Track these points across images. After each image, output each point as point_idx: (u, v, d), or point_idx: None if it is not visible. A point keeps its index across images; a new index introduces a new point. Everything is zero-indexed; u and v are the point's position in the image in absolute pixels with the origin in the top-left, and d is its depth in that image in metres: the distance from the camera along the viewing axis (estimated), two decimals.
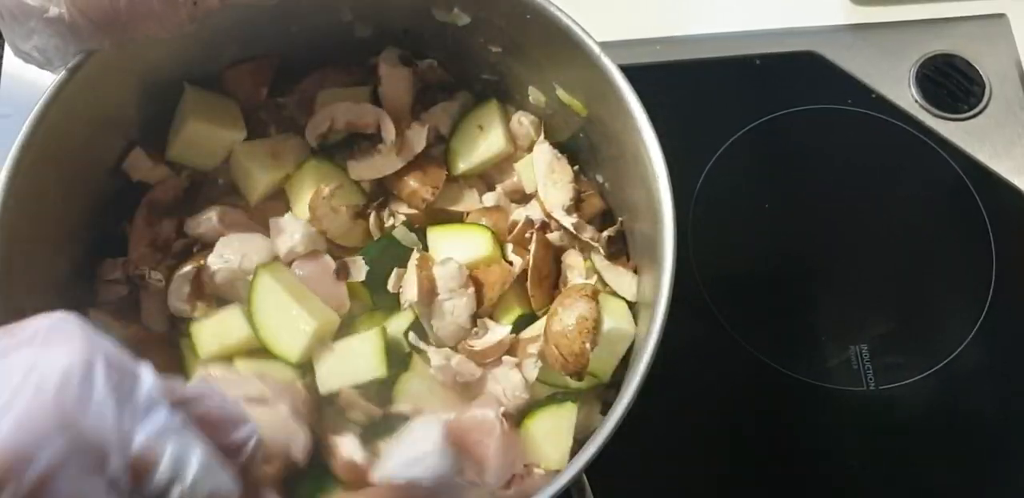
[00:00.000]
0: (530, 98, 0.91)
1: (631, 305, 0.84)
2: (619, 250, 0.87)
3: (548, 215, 0.86)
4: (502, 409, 0.76)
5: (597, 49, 0.76)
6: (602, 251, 0.86)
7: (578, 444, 0.77)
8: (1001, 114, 1.05)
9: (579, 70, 0.79)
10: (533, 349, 0.80)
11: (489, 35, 0.87)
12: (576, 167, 0.89)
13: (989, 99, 1.05)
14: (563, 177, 0.87)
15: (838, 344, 0.98)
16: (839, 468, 0.95)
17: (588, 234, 0.86)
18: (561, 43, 0.78)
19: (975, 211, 1.02)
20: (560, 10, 0.77)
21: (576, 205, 0.87)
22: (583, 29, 0.77)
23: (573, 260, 0.86)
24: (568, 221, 0.85)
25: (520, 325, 0.83)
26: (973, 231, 1.02)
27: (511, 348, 0.82)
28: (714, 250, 1.00)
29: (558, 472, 0.69)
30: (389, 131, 0.87)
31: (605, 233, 0.87)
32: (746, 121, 1.05)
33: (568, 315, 0.78)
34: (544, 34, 0.80)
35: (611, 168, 0.88)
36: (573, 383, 0.80)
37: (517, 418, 0.80)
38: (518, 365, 0.81)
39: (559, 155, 0.88)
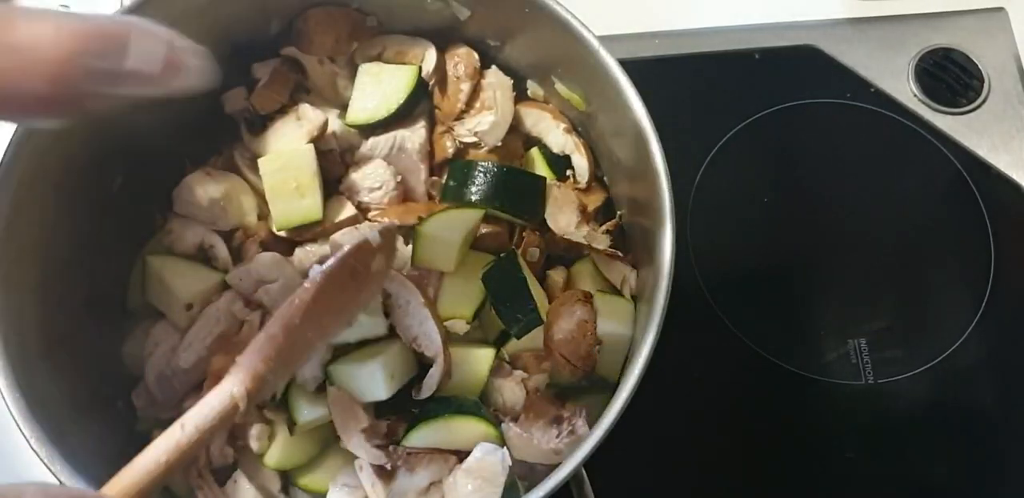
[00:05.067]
0: (529, 92, 0.91)
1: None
2: (618, 244, 0.87)
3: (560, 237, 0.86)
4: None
5: (596, 43, 0.76)
6: (603, 247, 0.86)
7: None
8: (1000, 108, 1.05)
9: (578, 64, 0.79)
10: (547, 365, 0.81)
11: (488, 29, 0.87)
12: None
13: (988, 93, 1.05)
14: (565, 198, 0.87)
15: (837, 338, 0.98)
16: (837, 461, 0.95)
17: (601, 243, 0.86)
18: (560, 37, 0.78)
19: (973, 205, 1.02)
20: (559, 4, 0.77)
21: (584, 216, 0.87)
22: (582, 23, 0.76)
23: (556, 274, 0.87)
24: (579, 236, 0.85)
25: (501, 339, 0.84)
26: (971, 225, 1.02)
27: (521, 362, 0.83)
28: (712, 243, 1.00)
29: (558, 466, 0.69)
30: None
31: (604, 227, 0.87)
32: (745, 115, 1.05)
33: (568, 322, 0.79)
34: (543, 28, 0.79)
35: (610, 162, 0.88)
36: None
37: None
38: (525, 380, 0.81)
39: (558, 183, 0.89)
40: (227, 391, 0.63)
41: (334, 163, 0.89)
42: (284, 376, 0.70)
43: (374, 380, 0.77)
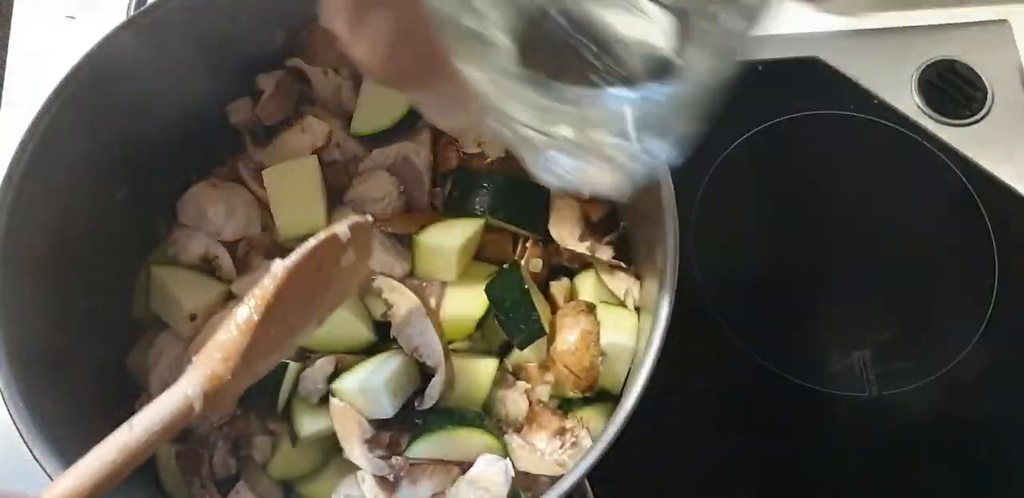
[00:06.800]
0: None
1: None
2: (621, 255, 0.87)
3: (563, 248, 0.86)
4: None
5: None
6: (606, 258, 0.86)
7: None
8: (1003, 120, 1.05)
9: None
10: (549, 377, 0.81)
11: None
12: None
13: (991, 105, 1.05)
14: (568, 210, 0.87)
15: (841, 349, 0.98)
16: (840, 473, 0.95)
17: (604, 254, 0.86)
18: None
19: (978, 216, 1.02)
20: None
21: (587, 227, 0.87)
22: None
23: (559, 285, 0.87)
24: (582, 247, 0.85)
25: (503, 350, 0.84)
26: (976, 236, 1.01)
27: (524, 373, 0.82)
28: (716, 255, 1.00)
29: (561, 477, 0.69)
30: None
31: (607, 238, 0.87)
32: (749, 127, 1.05)
33: (570, 333, 0.79)
34: None
35: None
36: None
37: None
38: (527, 391, 0.81)
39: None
40: (182, 391, 0.59)
41: (338, 174, 0.90)
42: (248, 378, 0.65)
43: (379, 400, 0.77)
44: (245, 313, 0.63)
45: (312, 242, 0.67)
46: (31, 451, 0.67)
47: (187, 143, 0.89)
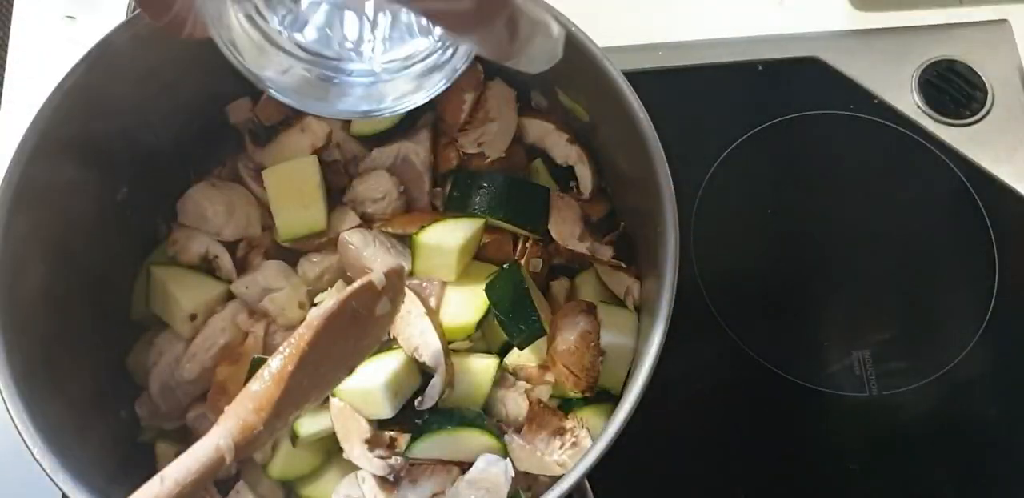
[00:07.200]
0: (532, 103, 0.91)
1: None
2: (621, 255, 0.87)
3: (563, 248, 0.86)
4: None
5: (599, 54, 0.76)
6: (606, 258, 0.86)
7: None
8: (1003, 120, 1.05)
9: (581, 75, 0.79)
10: (549, 377, 0.81)
11: None
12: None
13: (991, 105, 1.05)
14: (568, 210, 0.87)
15: (840, 349, 0.98)
16: (840, 473, 0.95)
17: (604, 254, 0.86)
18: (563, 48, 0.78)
19: (978, 217, 1.02)
20: (562, 16, 0.77)
21: (587, 227, 0.87)
22: (585, 35, 0.77)
23: (559, 285, 0.87)
24: (582, 247, 0.85)
25: (503, 350, 0.84)
26: (976, 237, 1.01)
27: (524, 373, 0.83)
28: (716, 255, 1.00)
29: (560, 477, 0.69)
30: None
31: (606, 238, 0.87)
32: (748, 126, 1.05)
33: (571, 333, 0.79)
34: None
35: (613, 173, 0.88)
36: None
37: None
38: (528, 391, 0.81)
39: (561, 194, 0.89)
40: (213, 442, 0.59)
41: (338, 174, 0.90)
42: (278, 428, 0.64)
43: (378, 400, 0.77)
44: (279, 363, 0.62)
45: (348, 289, 0.67)
46: (31, 451, 0.67)
47: (187, 143, 0.89)
